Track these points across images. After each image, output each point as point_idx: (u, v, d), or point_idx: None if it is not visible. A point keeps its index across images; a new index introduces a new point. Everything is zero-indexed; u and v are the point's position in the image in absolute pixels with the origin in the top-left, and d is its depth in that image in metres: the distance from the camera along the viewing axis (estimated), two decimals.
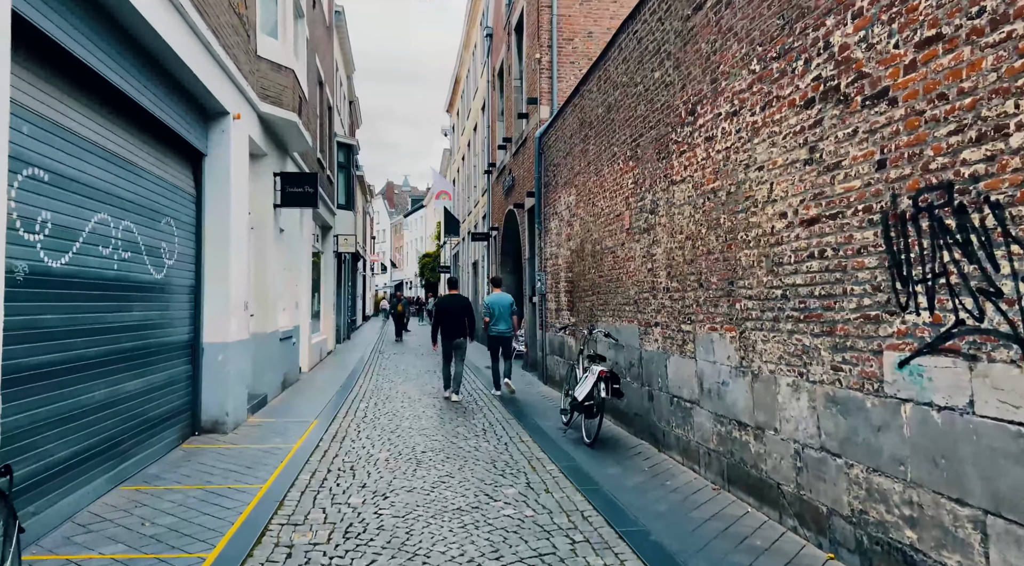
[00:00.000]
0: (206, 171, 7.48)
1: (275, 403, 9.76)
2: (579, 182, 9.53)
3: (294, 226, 12.35)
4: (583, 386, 7.06)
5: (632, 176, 7.27)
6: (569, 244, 10.16)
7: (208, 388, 7.38)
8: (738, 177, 4.93)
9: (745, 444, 4.87)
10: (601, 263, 8.47)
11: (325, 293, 18.56)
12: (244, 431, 7.66)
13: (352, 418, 8.64)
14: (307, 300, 14.19)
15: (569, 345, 10.15)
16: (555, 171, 11.04)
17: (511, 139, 15.65)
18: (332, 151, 19.38)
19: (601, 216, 8.48)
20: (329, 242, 19.08)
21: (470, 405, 9.71)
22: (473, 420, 8.56)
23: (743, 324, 4.87)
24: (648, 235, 6.81)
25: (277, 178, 10.19)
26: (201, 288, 7.38)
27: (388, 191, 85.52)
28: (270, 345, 9.95)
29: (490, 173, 19.63)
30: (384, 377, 13.13)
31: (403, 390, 11.28)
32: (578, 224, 9.62)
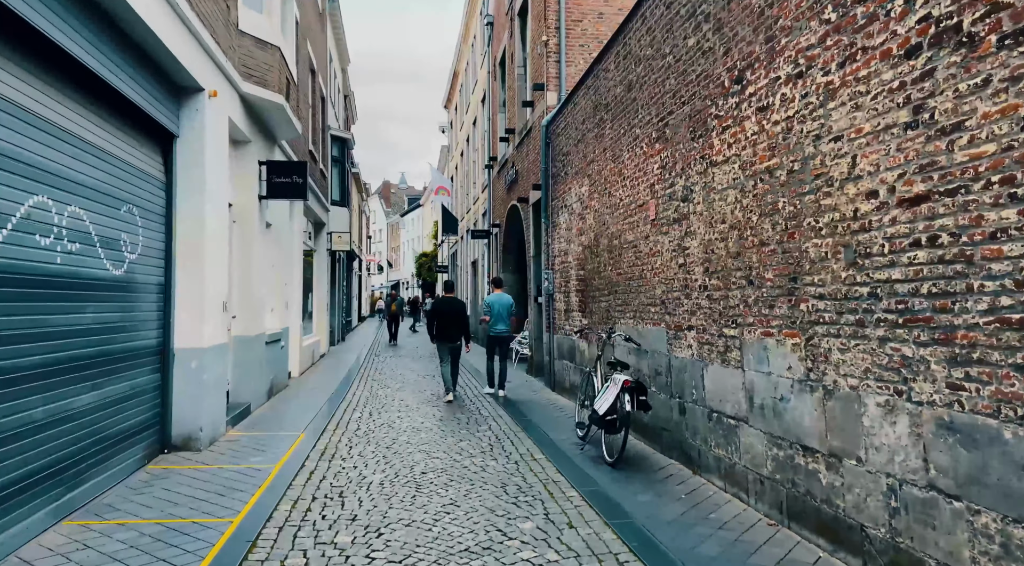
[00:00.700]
0: (178, 154, 6.62)
1: (260, 413, 8.90)
2: (593, 171, 8.71)
3: (283, 221, 11.49)
4: (604, 398, 6.23)
5: (659, 160, 6.45)
6: (581, 239, 9.34)
7: (180, 399, 6.53)
8: (804, 151, 4.10)
9: (813, 474, 4.04)
10: (620, 259, 7.65)
11: (318, 293, 17.70)
12: (221, 447, 6.81)
13: (343, 431, 7.80)
14: (298, 300, 13.33)
15: (581, 349, 9.32)
16: (565, 161, 10.21)
17: (514, 130, 14.82)
18: (325, 144, 18.52)
19: (620, 207, 7.66)
20: (322, 240, 18.22)
21: (473, 415, 8.87)
22: (478, 432, 7.73)
23: (811, 329, 4.04)
24: (679, 226, 5.98)
25: (263, 167, 9.34)
26: (172, 286, 6.53)
27: (385, 190, 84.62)
28: (255, 349, 9.10)
29: (491, 168, 18.80)
30: (380, 383, 12.28)
31: (400, 397, 10.43)
32: (592, 217, 8.79)
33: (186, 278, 6.61)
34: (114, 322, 5.39)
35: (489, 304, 10.70)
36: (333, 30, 21.11)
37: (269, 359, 10.02)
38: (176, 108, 6.57)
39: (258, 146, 9.25)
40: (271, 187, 9.35)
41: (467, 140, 26.10)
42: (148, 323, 6.14)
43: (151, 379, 6.22)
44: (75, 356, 4.74)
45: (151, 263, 6.17)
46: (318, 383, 12.09)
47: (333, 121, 20.91)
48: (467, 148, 26.44)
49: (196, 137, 6.70)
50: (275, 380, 10.52)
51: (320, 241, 18.08)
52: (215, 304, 7.00)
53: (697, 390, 5.66)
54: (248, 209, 8.95)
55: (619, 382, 6.06)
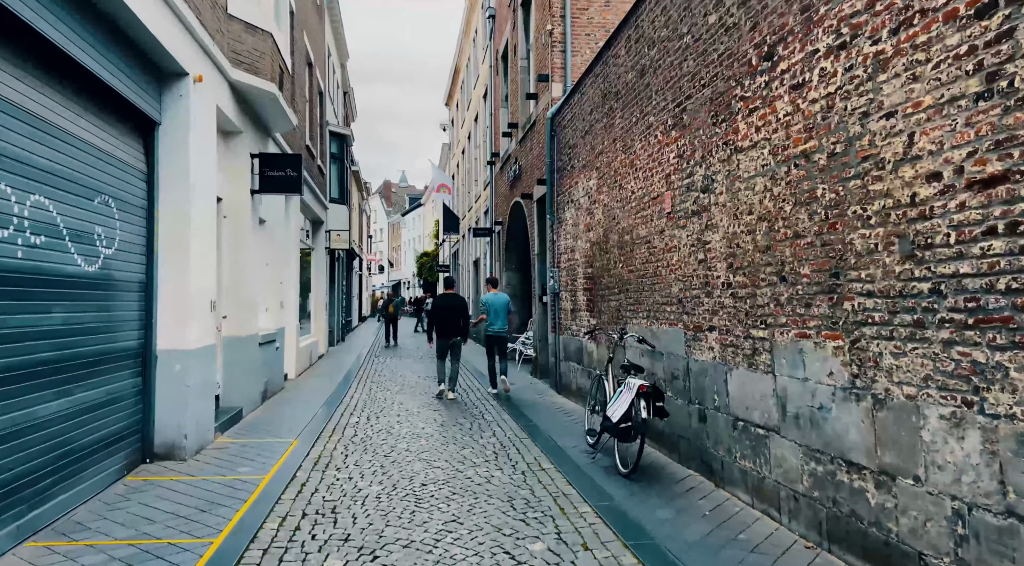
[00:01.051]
0: (160, 143, 6.20)
1: (252, 418, 8.48)
2: (602, 163, 8.28)
3: (278, 217, 11.07)
4: (618, 404, 5.80)
5: (675, 148, 6.02)
6: (589, 235, 8.91)
7: (163, 405, 6.10)
8: (849, 131, 3.67)
9: (859, 493, 3.61)
10: (631, 255, 7.22)
11: (316, 292, 17.28)
12: (208, 456, 6.38)
13: (340, 437, 7.37)
14: (295, 299, 12.91)
15: (590, 351, 8.89)
16: (571, 153, 9.78)
17: (517, 124, 14.39)
18: (324, 140, 18.11)
19: (631, 200, 7.22)
20: (320, 238, 17.80)
21: (477, 419, 8.44)
22: (481, 439, 7.30)
23: (857, 330, 3.61)
24: (699, 219, 5.55)
25: (255, 160, 8.91)
26: (154, 284, 6.10)
27: (386, 190, 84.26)
28: (247, 351, 8.68)
29: (493, 164, 18.37)
30: (379, 385, 11.85)
31: (399, 401, 10.00)
32: (600, 212, 8.36)
33: (169, 275, 6.18)
34: (87, 322, 4.96)
35: (486, 303, 10.79)
36: (331, 23, 20.69)
37: (263, 361, 9.60)
38: (158, 94, 6.14)
39: (250, 138, 8.83)
40: (264, 181, 8.92)
41: (468, 137, 25.67)
42: (127, 324, 5.72)
43: (131, 384, 5.80)
44: (39, 360, 4.31)
45: (131, 259, 5.74)
46: (315, 385, 11.66)
47: (332, 117, 20.49)
48: (468, 145, 26.02)
49: (180, 125, 6.27)
50: (270, 382, 10.10)
51: (318, 239, 17.66)
52: (202, 303, 6.58)
53: (720, 396, 5.22)
54: (240, 204, 8.53)
55: (634, 387, 5.62)
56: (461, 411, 9.13)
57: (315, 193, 15.84)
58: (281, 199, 11.25)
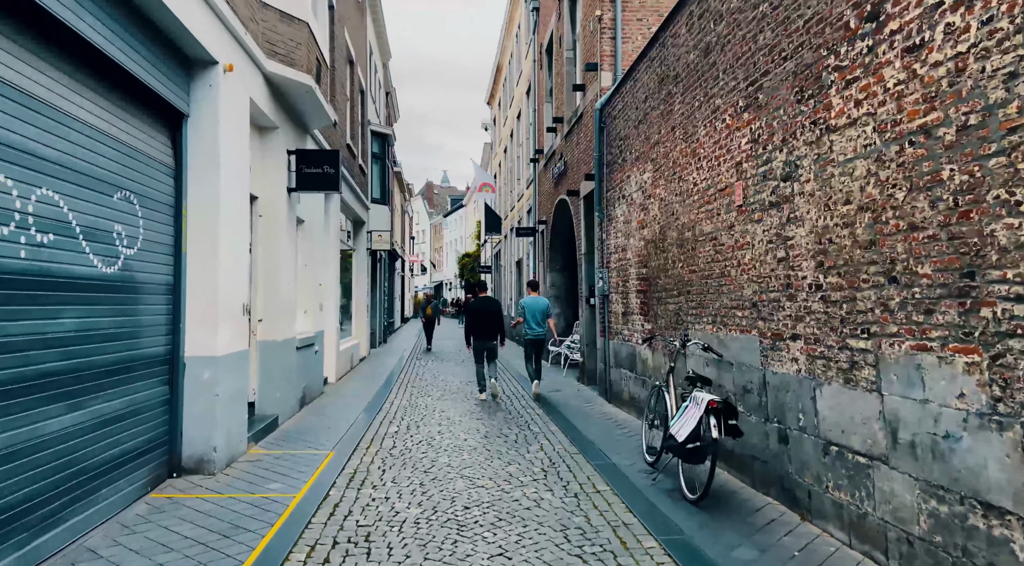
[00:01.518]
0: (188, 136, 5.83)
1: (288, 426, 8.10)
2: (658, 154, 7.62)
3: (317, 216, 10.73)
4: (683, 421, 5.16)
5: (748, 133, 5.35)
6: (643, 233, 8.26)
7: (190, 416, 5.73)
8: (988, 98, 2.98)
9: (1001, 543, 2.92)
10: (694, 254, 6.56)
11: (357, 294, 17.01)
12: (239, 469, 5.99)
13: (378, 449, 6.91)
14: (335, 301, 12.59)
15: (644, 358, 8.23)
16: (622, 146, 9.14)
17: (562, 119, 13.80)
18: (365, 139, 17.84)
19: (693, 193, 6.56)
20: (362, 239, 17.53)
21: (522, 429, 7.88)
22: (528, 452, 6.74)
23: (1000, 343, 2.92)
24: (778, 211, 4.87)
25: (291, 157, 8.55)
26: (181, 287, 5.73)
27: (428, 191, 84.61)
28: (283, 355, 8.31)
29: (536, 161, 17.81)
30: (419, 390, 11.41)
31: (440, 408, 9.52)
32: (656, 207, 7.71)
33: (198, 277, 5.81)
34: (105, 328, 4.58)
35: (523, 306, 10.90)
36: (373, 22, 20.46)
37: (300, 366, 9.24)
38: (186, 84, 5.77)
39: (287, 134, 8.47)
40: (300, 178, 8.55)
41: (511, 135, 25.18)
42: (152, 329, 5.35)
43: (156, 393, 5.43)
44: (45, 371, 3.93)
45: (156, 259, 5.38)
46: (355, 390, 11.29)
47: (374, 117, 20.26)
48: (511, 144, 25.52)
49: (209, 116, 5.89)
50: (308, 388, 9.75)
51: (360, 240, 17.40)
52: (232, 307, 6.20)
53: (806, 415, 4.54)
54: (276, 202, 8.17)
55: (703, 402, 4.98)
56: (505, 420, 8.58)
57: (356, 193, 15.55)
58: (320, 198, 10.91)
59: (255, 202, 7.96)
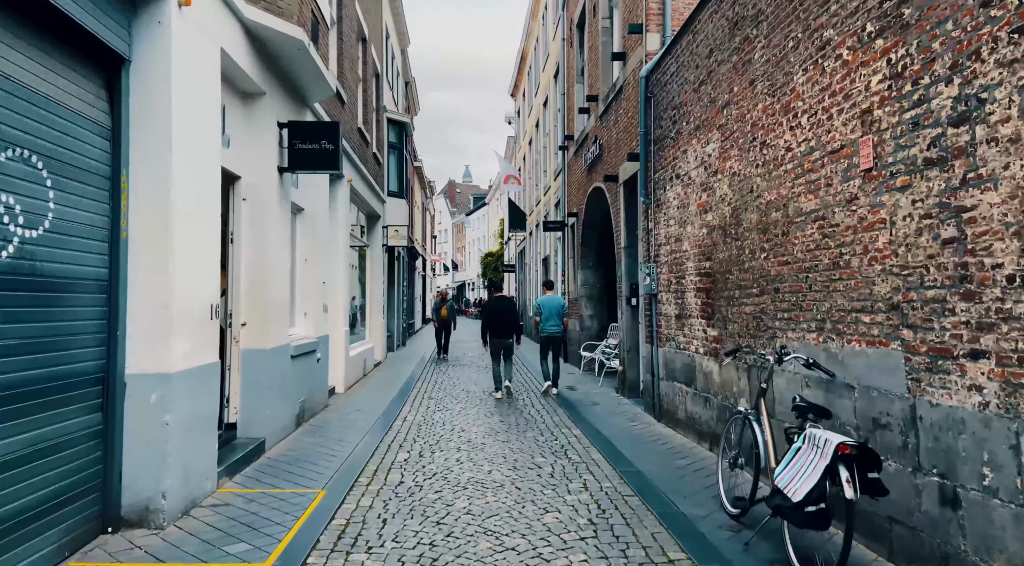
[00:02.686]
0: (132, 88, 4.50)
1: (278, 451, 6.76)
2: (728, 118, 6.14)
3: (320, 204, 9.41)
4: (798, 471, 3.68)
5: (883, 65, 3.85)
6: (705, 218, 6.77)
7: (132, 451, 4.40)
8: None
9: None
10: (785, 240, 5.06)
11: (372, 294, 15.72)
12: (198, 520, 4.64)
13: (381, 485, 5.54)
14: (344, 302, 11.28)
15: (707, 371, 6.73)
16: (676, 116, 7.65)
17: (597, 97, 12.32)
18: (380, 126, 16.53)
19: (785, 161, 5.07)
20: (377, 234, 16.24)
21: (558, 456, 6.43)
22: (569, 493, 5.29)
23: None
24: (943, 171, 3.38)
25: (283, 131, 7.21)
26: (120, 283, 4.40)
27: (450, 190, 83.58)
28: (274, 366, 6.98)
29: (565, 149, 16.34)
30: (437, 403, 10.01)
31: (460, 427, 8.11)
32: (725, 185, 6.22)
33: (144, 271, 4.47)
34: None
35: (540, 305, 11.03)
36: (390, 2, 19.16)
37: (297, 376, 7.91)
38: (125, 19, 4.43)
39: (278, 104, 7.13)
40: (294, 156, 7.21)
41: (536, 125, 23.74)
42: (77, 339, 4.02)
43: (84, 422, 4.10)
44: None
45: (78, 247, 4.05)
46: (364, 403, 9.94)
47: (391, 104, 18.97)
48: (536, 134, 24.08)
49: (159, 64, 4.55)
50: (308, 402, 8.42)
51: (375, 236, 16.10)
52: (192, 309, 4.85)
53: (998, 471, 3.04)
54: (263, 184, 6.84)
55: (828, 446, 3.50)
56: (536, 443, 7.15)
57: (369, 184, 14.24)
58: (323, 183, 9.59)
59: (236, 183, 6.64)
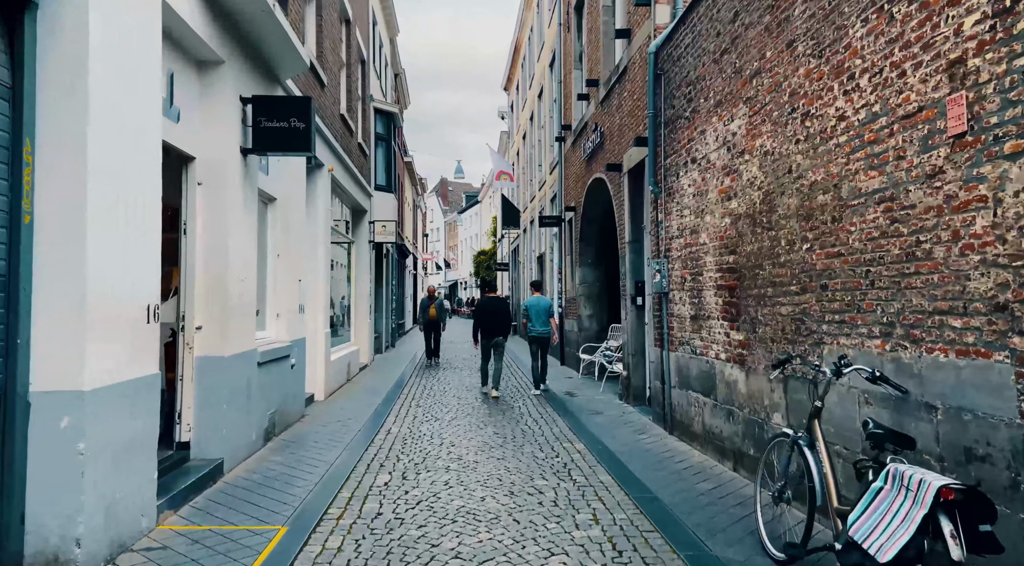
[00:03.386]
0: (37, 38, 3.61)
1: (237, 474, 5.88)
2: (759, 89, 5.31)
3: (295, 193, 8.52)
4: (883, 521, 2.85)
5: (982, 2, 3.02)
6: (728, 206, 5.94)
7: (38, 488, 3.52)
8: None
9: None
10: (836, 228, 4.24)
11: (358, 293, 14.83)
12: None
13: (355, 518, 4.67)
14: (324, 301, 10.39)
15: (732, 381, 5.90)
16: (692, 92, 6.82)
17: (597, 81, 11.48)
18: (366, 116, 15.64)
19: (837, 133, 4.24)
20: (363, 229, 15.34)
21: (561, 477, 5.58)
22: (576, 527, 4.43)
23: None
24: None
25: (247, 107, 6.32)
26: (22, 279, 3.52)
27: (442, 188, 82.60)
28: (237, 374, 6.11)
29: (562, 141, 15.50)
30: (425, 411, 9.15)
31: (451, 440, 7.25)
32: (755, 166, 5.39)
33: (54, 265, 3.60)
34: None
35: (527, 306, 11.13)
36: None
37: (266, 385, 7.03)
38: None
39: (240, 74, 6.25)
40: (260, 135, 6.32)
41: (531, 118, 22.89)
42: None
43: None
44: None
45: None
46: (345, 412, 9.07)
47: (378, 94, 18.07)
48: (531, 128, 23.24)
49: (74, 7, 3.67)
50: (280, 413, 7.54)
51: (360, 231, 15.21)
52: (123, 312, 3.97)
53: None
54: (223, 166, 5.95)
55: (925, 489, 2.67)
56: (536, 461, 6.30)
57: (354, 176, 13.36)
58: (299, 172, 8.70)
59: (190, 164, 5.75)
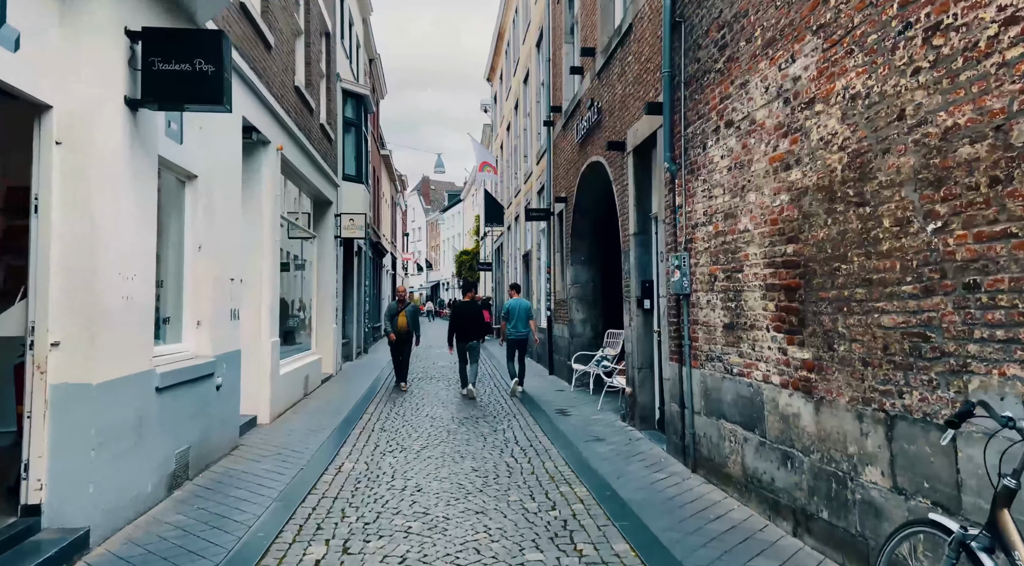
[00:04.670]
0: None
1: (108, 550, 4.21)
2: (835, 11, 3.77)
3: (225, 172, 6.85)
4: None
5: None
6: (786, 177, 4.40)
7: None
8: None
9: None
10: (1001, 195, 2.70)
11: (322, 294, 13.16)
12: None
13: None
14: (272, 305, 8.73)
15: (790, 413, 4.33)
16: (725, 38, 5.28)
17: (593, 50, 9.95)
18: (332, 95, 13.97)
19: (997, 50, 2.71)
20: (328, 223, 13.68)
21: (564, 538, 3.99)
22: None
23: None
24: None
25: (136, 45, 4.66)
26: None
27: (424, 187, 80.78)
28: (114, 407, 4.45)
29: (551, 125, 13.95)
30: (391, 438, 7.51)
31: (417, 482, 5.62)
32: (833, 119, 3.85)
33: None
34: None
35: (508, 309, 11.19)
36: None
37: (174, 415, 5.38)
38: None
39: (128, 1, 4.60)
40: (153, 81, 4.65)
41: (515, 107, 21.32)
42: None
43: None
44: None
45: None
46: (292, 439, 7.42)
47: (347, 73, 16.40)
48: (515, 118, 21.67)
49: None
50: (197, 449, 5.89)
51: (325, 225, 13.55)
52: None
53: None
54: (97, 123, 4.30)
55: None
56: (527, 518, 4.69)
57: (316, 162, 11.69)
58: (233, 145, 7.04)
59: (43, 116, 4.11)
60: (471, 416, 9.00)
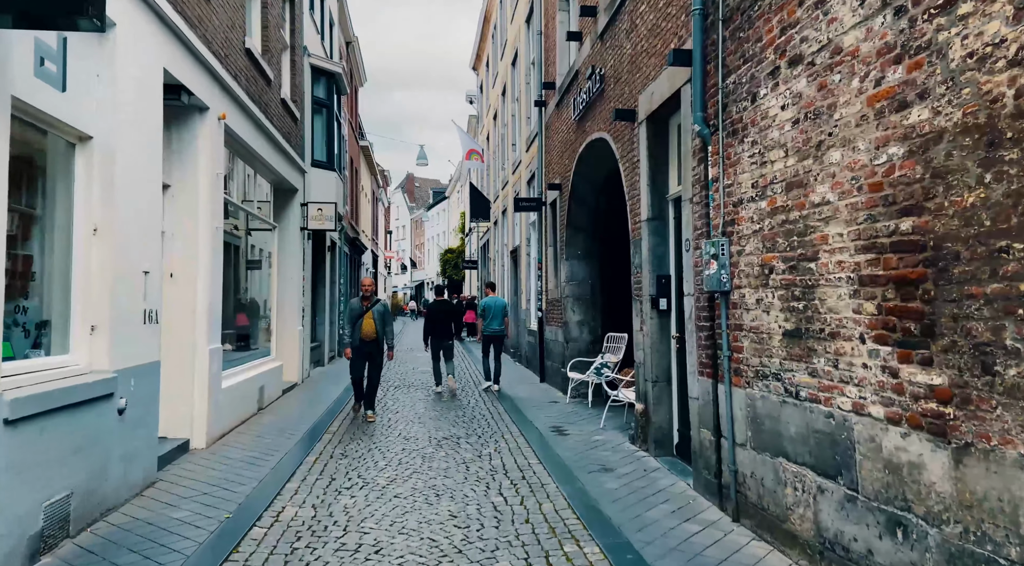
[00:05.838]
0: None
1: None
2: None
3: (138, 136, 5.36)
4: None
5: None
6: (902, 120, 3.04)
7: None
8: None
9: None
10: None
11: (284, 293, 11.68)
12: None
13: None
14: (209, 304, 7.25)
15: (910, 462, 2.95)
16: None
17: (595, 8, 8.56)
18: (297, 69, 12.47)
19: None
20: (292, 213, 12.19)
21: None
22: None
23: None
24: None
25: None
26: None
27: (408, 184, 79.16)
28: None
29: (543, 105, 12.56)
30: (352, 466, 6.07)
31: (378, 533, 4.18)
32: (990, 33, 2.50)
33: None
34: None
35: (484, 306, 11.53)
36: None
37: (34, 460, 3.94)
38: None
39: None
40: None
41: (503, 93, 19.92)
42: None
43: None
44: None
45: None
46: (228, 471, 5.96)
47: (317, 48, 14.91)
48: (502, 105, 20.28)
49: None
50: (83, 498, 4.43)
51: (289, 215, 12.06)
52: None
53: None
54: None
55: None
56: None
57: (275, 141, 10.21)
58: (150, 103, 5.55)
59: None
60: (451, 436, 7.59)
